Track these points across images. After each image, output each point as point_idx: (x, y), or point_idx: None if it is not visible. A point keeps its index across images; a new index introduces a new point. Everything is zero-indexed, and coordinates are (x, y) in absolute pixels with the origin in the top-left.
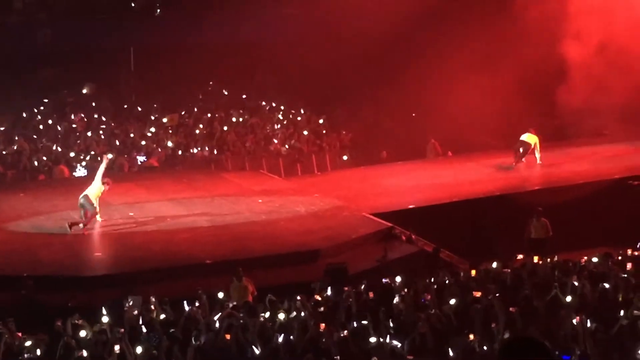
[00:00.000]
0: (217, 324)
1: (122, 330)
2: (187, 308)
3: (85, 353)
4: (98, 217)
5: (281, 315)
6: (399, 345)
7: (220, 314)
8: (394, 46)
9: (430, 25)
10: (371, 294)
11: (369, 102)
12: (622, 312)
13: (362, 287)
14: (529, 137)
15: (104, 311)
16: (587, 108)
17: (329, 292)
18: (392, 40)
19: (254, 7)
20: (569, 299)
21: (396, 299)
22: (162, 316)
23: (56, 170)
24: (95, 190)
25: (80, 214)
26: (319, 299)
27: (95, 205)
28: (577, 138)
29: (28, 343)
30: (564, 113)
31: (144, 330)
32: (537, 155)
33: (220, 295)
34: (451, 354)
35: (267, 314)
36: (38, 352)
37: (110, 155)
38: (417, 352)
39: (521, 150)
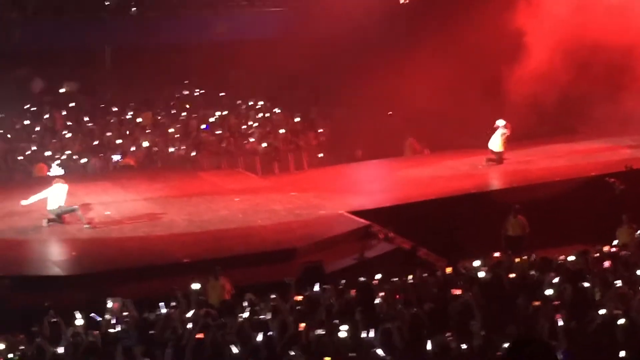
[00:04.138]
0: (191, 324)
1: (97, 332)
2: (164, 310)
3: (60, 350)
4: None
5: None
6: (377, 343)
7: (194, 312)
8: (369, 44)
9: (406, 23)
10: (353, 292)
11: (345, 101)
12: (599, 310)
13: (341, 286)
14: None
15: (79, 314)
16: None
17: (313, 290)
18: (367, 38)
19: (229, 6)
20: (548, 292)
21: (378, 299)
22: (139, 317)
23: (36, 168)
24: (58, 200)
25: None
26: (299, 298)
27: (70, 206)
28: (553, 135)
29: (2, 346)
30: (540, 110)
31: (120, 331)
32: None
33: (196, 286)
34: (429, 348)
35: (247, 314)
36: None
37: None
38: (392, 348)
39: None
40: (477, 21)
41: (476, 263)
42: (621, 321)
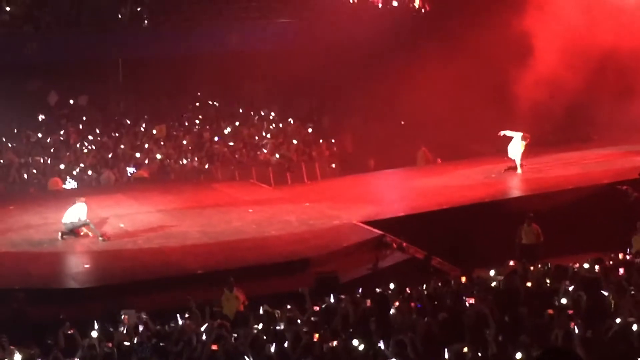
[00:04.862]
0: (205, 335)
1: (111, 344)
2: (180, 321)
3: None
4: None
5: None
6: (391, 354)
7: (207, 324)
8: (380, 53)
9: (416, 31)
10: (369, 302)
11: (357, 111)
12: (615, 318)
13: (358, 295)
14: (514, 143)
15: (95, 325)
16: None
17: (328, 300)
18: (378, 47)
19: (241, 17)
20: (563, 301)
21: (392, 310)
22: (154, 329)
23: (50, 182)
24: (75, 216)
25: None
26: (317, 308)
27: (82, 221)
28: (566, 143)
29: (19, 357)
30: (552, 119)
31: (135, 343)
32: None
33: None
34: (446, 358)
35: (261, 325)
36: None
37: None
38: (406, 359)
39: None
40: (488, 28)
41: (492, 272)
42: (636, 328)
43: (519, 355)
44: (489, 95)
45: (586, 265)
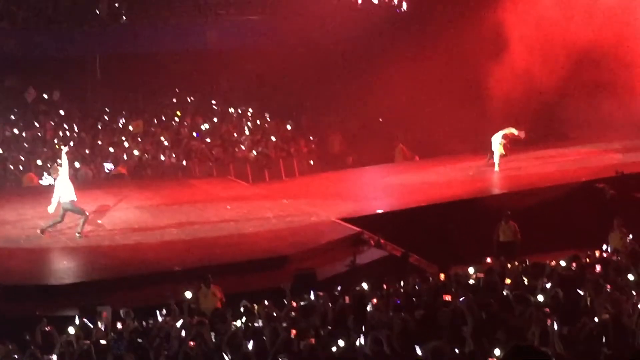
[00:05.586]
0: (184, 332)
1: (88, 341)
2: (160, 318)
3: (54, 358)
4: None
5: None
6: (368, 351)
7: (183, 321)
8: (359, 51)
9: (395, 31)
10: (347, 299)
11: (335, 108)
12: (591, 315)
13: (336, 292)
14: (495, 140)
15: (73, 321)
16: (554, 112)
17: (307, 297)
18: (357, 45)
19: (219, 14)
20: (539, 298)
21: (369, 307)
22: (131, 326)
23: (25, 177)
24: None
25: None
26: (295, 305)
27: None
28: (544, 141)
29: None
30: (531, 117)
31: (112, 340)
32: (495, 159)
33: (188, 295)
34: (420, 354)
35: (240, 322)
36: None
37: (65, 148)
38: (383, 355)
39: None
40: (465, 26)
41: (470, 270)
42: (612, 326)
43: (497, 351)
44: (466, 93)
45: (563, 263)
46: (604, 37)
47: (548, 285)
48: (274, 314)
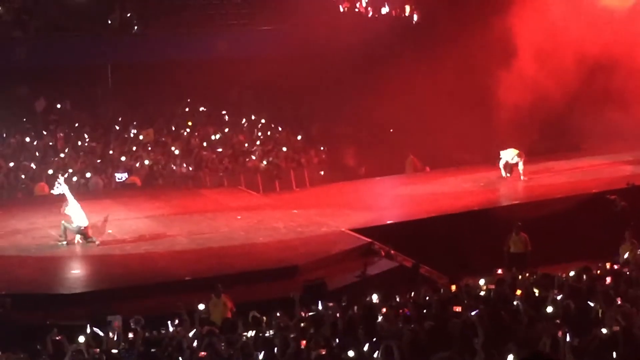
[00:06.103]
0: (196, 342)
1: (98, 350)
2: (171, 328)
3: None
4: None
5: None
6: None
7: (195, 331)
8: (370, 62)
9: (406, 40)
10: (356, 310)
11: (346, 118)
12: (601, 327)
13: (344, 303)
14: (508, 152)
15: (83, 330)
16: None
17: (316, 308)
18: (368, 55)
19: (230, 23)
20: (549, 309)
21: (380, 318)
22: (142, 335)
23: (37, 187)
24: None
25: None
26: (303, 315)
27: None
28: (555, 152)
29: None
30: (541, 127)
31: (123, 349)
32: (520, 169)
33: (201, 307)
34: None
35: (250, 332)
36: None
37: (61, 178)
38: None
39: (502, 164)
40: (476, 37)
41: (481, 281)
42: (622, 338)
43: (510, 357)
44: (477, 103)
45: (573, 274)
46: (615, 47)
47: (559, 297)
48: (283, 325)
